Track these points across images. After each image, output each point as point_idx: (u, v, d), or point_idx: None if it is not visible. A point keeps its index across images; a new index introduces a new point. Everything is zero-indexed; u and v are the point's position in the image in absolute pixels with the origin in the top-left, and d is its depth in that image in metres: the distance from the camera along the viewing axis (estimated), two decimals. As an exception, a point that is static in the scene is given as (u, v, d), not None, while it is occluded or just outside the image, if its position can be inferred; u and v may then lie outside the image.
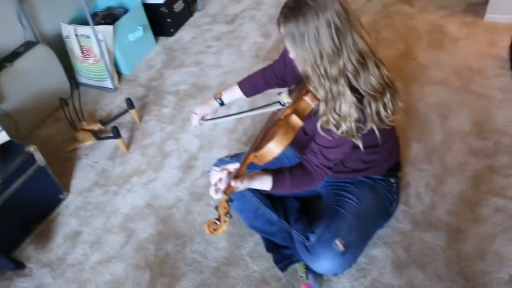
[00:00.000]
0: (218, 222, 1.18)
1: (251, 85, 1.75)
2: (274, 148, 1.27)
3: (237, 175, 1.24)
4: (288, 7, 1.19)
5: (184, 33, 3.37)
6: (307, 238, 1.52)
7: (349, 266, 1.52)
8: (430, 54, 2.72)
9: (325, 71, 1.21)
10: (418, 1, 3.24)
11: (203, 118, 1.72)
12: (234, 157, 1.71)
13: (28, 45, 2.67)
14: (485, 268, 1.65)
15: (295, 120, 1.30)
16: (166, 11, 3.22)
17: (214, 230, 1.18)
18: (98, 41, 2.70)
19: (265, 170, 1.36)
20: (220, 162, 1.70)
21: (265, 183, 1.32)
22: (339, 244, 1.45)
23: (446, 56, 2.69)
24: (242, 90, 1.75)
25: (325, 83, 1.23)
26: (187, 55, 3.12)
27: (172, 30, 3.33)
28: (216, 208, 1.21)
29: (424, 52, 2.74)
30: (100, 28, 2.74)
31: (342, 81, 1.22)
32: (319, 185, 1.46)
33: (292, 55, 1.25)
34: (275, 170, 1.36)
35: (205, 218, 2.00)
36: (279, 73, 1.70)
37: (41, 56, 2.67)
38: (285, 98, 1.39)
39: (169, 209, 2.09)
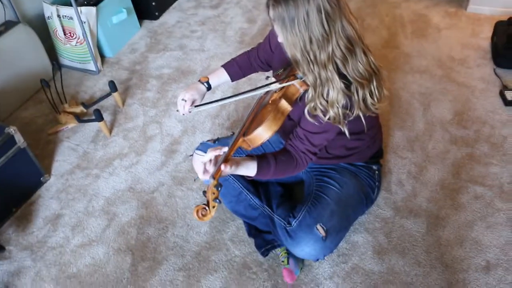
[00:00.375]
0: (207, 208, 1.16)
1: (237, 68, 1.72)
2: (263, 133, 1.26)
3: (225, 160, 1.22)
4: None
5: (169, 17, 3.31)
6: (289, 223, 1.51)
7: (330, 251, 1.51)
8: (414, 43, 2.72)
9: (314, 56, 1.20)
10: None
11: (192, 105, 1.64)
12: (216, 141, 1.69)
13: (8, 25, 2.57)
14: (463, 255, 1.67)
15: (284, 104, 1.28)
16: (151, -7, 3.14)
17: (203, 215, 1.16)
18: (81, 22, 2.62)
19: (250, 155, 1.34)
20: (203, 146, 1.67)
21: (250, 169, 1.31)
22: (320, 229, 1.45)
23: (429, 45, 2.68)
24: (228, 73, 1.72)
25: (314, 68, 1.22)
26: (171, 39, 3.07)
27: (156, 13, 3.27)
28: (204, 193, 1.19)
29: (407, 41, 2.74)
30: (83, 9, 2.66)
31: (330, 67, 1.21)
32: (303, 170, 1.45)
33: (280, 39, 1.23)
34: (259, 156, 1.34)
35: (187, 202, 1.98)
36: (263, 57, 1.68)
37: (22, 36, 2.58)
38: (272, 81, 1.37)
39: (151, 193, 2.06)
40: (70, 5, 2.59)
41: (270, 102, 1.32)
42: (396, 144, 2.11)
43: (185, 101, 1.57)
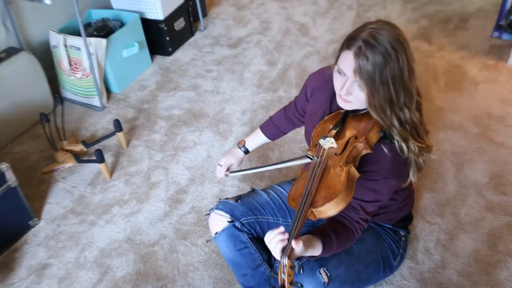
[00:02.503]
0: None
1: (274, 127, 1.83)
2: (336, 206, 1.27)
3: (296, 236, 1.24)
4: (367, 42, 1.22)
5: (183, 54, 3.40)
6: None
7: None
8: (447, 96, 2.75)
9: (401, 109, 1.30)
10: (437, 39, 3.30)
11: (228, 170, 1.80)
12: (239, 200, 1.70)
13: (10, 51, 2.65)
14: None
15: (354, 172, 1.31)
16: (166, 28, 3.25)
17: None
18: (89, 54, 2.71)
19: (310, 232, 1.38)
20: (224, 205, 1.68)
21: (316, 249, 1.35)
22: (323, 274, 1.48)
23: (464, 100, 2.71)
24: (265, 133, 1.84)
25: (397, 117, 1.32)
26: (184, 77, 3.14)
27: (170, 49, 3.36)
28: (275, 274, 1.23)
29: (441, 94, 2.77)
30: (92, 40, 2.75)
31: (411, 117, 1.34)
32: None
33: (356, 92, 1.29)
34: (321, 233, 1.38)
35: (190, 259, 1.97)
36: (302, 109, 1.74)
37: (24, 64, 2.66)
38: (333, 143, 1.38)
39: (151, 246, 2.06)
40: (79, 34, 2.68)
41: (334, 165, 1.34)
42: (424, 208, 2.10)
43: (220, 166, 1.77)
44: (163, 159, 2.51)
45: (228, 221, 1.62)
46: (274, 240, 1.24)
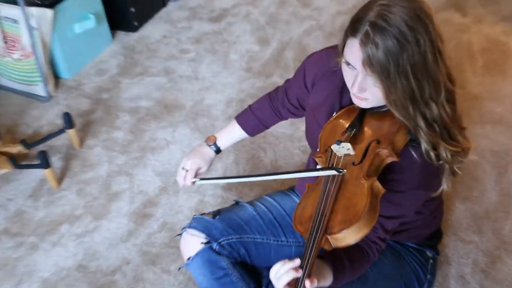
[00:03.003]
0: None
1: (255, 120, 1.79)
2: (357, 232, 1.25)
3: (309, 272, 1.22)
4: (375, 25, 1.19)
5: (152, 29, 3.40)
6: None
7: None
8: (486, 81, 2.75)
9: (428, 107, 1.27)
10: (473, 8, 3.30)
11: (196, 176, 1.71)
12: (217, 216, 1.68)
13: None
14: None
15: (379, 188, 1.29)
16: (129, -3, 3.23)
17: None
18: (30, 28, 2.67)
19: (319, 257, 1.35)
20: (198, 223, 1.66)
21: (327, 279, 1.34)
22: None
23: (508, 85, 2.71)
24: (243, 126, 1.78)
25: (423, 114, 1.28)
26: (154, 60, 3.14)
27: (135, 23, 3.36)
28: None
29: (477, 78, 2.77)
30: (34, 11, 2.70)
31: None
32: None
33: (372, 87, 1.27)
34: (332, 258, 1.37)
35: (161, 290, 1.96)
36: (296, 98, 1.71)
37: None
38: (349, 150, 1.35)
39: (110, 274, 2.04)
40: (16, 3, 2.62)
41: (352, 179, 1.32)
42: (457, 222, 2.10)
43: (186, 171, 1.67)
44: (127, 162, 2.51)
45: (203, 243, 1.60)
46: (286, 277, 1.22)
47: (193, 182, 1.68)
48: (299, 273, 1.21)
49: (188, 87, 2.91)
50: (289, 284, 1.22)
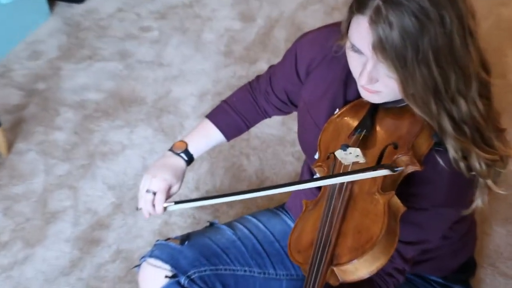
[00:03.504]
0: None
1: (235, 114, 1.75)
2: (371, 263, 1.23)
3: None
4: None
5: (103, 1, 3.40)
6: None
7: None
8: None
9: (456, 103, 1.25)
10: None
11: (168, 199, 1.62)
12: (186, 242, 1.65)
13: None
14: None
15: (398, 205, 1.27)
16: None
17: None
18: None
19: None
20: (162, 251, 1.63)
21: None
22: None
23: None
24: (219, 126, 1.73)
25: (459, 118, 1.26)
26: (106, 40, 3.13)
27: (82, -7, 3.33)
28: None
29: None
30: None
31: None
32: None
33: (385, 77, 1.26)
34: None
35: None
36: (283, 91, 1.70)
37: None
38: (358, 156, 1.33)
39: (47, 318, 2.02)
40: None
41: (363, 194, 1.32)
42: (495, 251, 2.10)
43: (154, 193, 1.57)
44: (70, 173, 2.48)
45: (168, 276, 1.57)
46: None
47: (165, 208, 1.58)
48: None
49: (150, 75, 2.90)
50: None
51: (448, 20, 1.16)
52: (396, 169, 1.28)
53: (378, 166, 1.29)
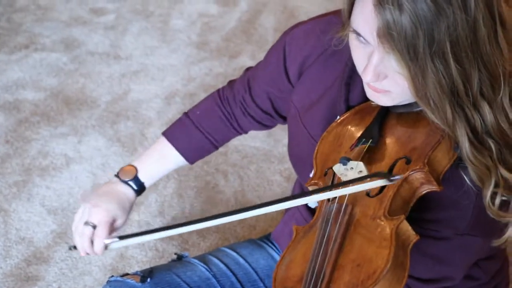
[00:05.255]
0: None
1: (198, 133, 1.64)
2: None
3: None
4: None
5: None
6: None
7: None
8: None
9: (478, 110, 1.13)
10: None
11: (112, 232, 1.52)
12: (147, 280, 1.51)
13: None
14: None
15: (408, 232, 1.18)
16: None
17: None
18: None
19: None
20: None
21: None
22: None
23: None
24: (177, 146, 1.63)
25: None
26: (47, 24, 3.02)
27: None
28: None
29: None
30: None
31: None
32: None
33: (394, 72, 1.14)
34: None
35: None
36: (267, 97, 1.57)
37: None
38: (362, 172, 1.23)
39: None
40: None
41: (365, 218, 1.21)
42: None
43: (94, 227, 1.46)
44: (0, 192, 2.35)
45: None
46: None
47: (106, 246, 1.48)
48: None
49: (104, 70, 2.80)
50: None
51: (472, 4, 1.06)
52: (393, 178, 1.18)
53: (368, 175, 1.21)
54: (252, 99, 1.61)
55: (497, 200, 1.20)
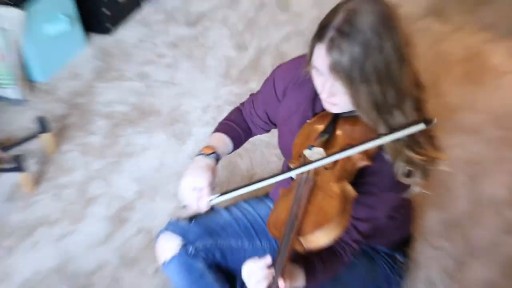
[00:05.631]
0: None
1: (240, 131, 1.78)
2: (328, 234, 1.29)
3: (282, 273, 1.26)
4: (340, 31, 1.24)
5: (127, 33, 3.44)
6: None
7: None
8: (463, 91, 2.83)
9: (392, 115, 1.33)
10: (454, 16, 3.35)
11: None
12: (193, 220, 1.73)
13: None
14: None
15: (350, 191, 1.34)
16: (104, -2, 3.28)
17: None
18: (1, 29, 2.68)
19: (294, 260, 1.39)
20: (174, 227, 1.71)
21: (299, 280, 1.39)
22: None
23: (485, 95, 2.80)
24: (229, 136, 1.75)
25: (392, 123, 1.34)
26: (130, 64, 3.19)
27: (110, 26, 3.41)
28: None
29: (454, 88, 2.86)
30: (2, 10, 2.66)
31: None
32: None
33: (340, 92, 1.33)
34: (304, 260, 1.42)
35: (138, 292, 2.03)
36: (264, 112, 1.75)
37: None
38: (320, 155, 1.41)
39: (89, 275, 2.11)
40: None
41: (324, 183, 1.36)
42: (428, 229, 2.19)
43: (199, 189, 1.53)
44: (103, 167, 2.58)
45: (179, 246, 1.65)
46: (257, 275, 1.28)
47: (210, 201, 1.53)
48: (271, 271, 1.26)
49: (165, 92, 2.99)
50: (261, 284, 1.26)
51: (386, 49, 1.21)
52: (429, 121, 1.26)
53: (327, 156, 1.34)
54: (255, 112, 1.76)
55: (404, 170, 1.35)
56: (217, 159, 1.63)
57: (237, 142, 1.76)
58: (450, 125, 2.66)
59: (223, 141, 1.72)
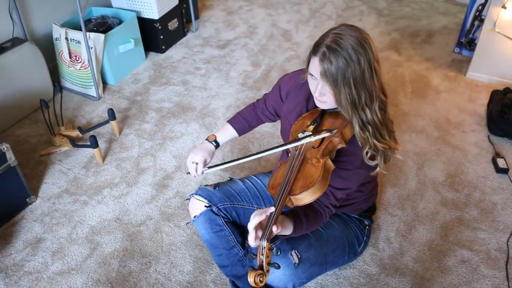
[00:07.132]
0: (263, 274, 1.12)
1: (244, 122, 1.74)
2: (312, 195, 1.26)
3: (275, 221, 1.20)
4: (330, 48, 1.22)
5: (175, 52, 3.39)
6: None
7: (299, 282, 1.50)
8: (413, 102, 2.79)
9: (364, 112, 1.29)
10: (406, 50, 3.36)
11: (204, 166, 1.61)
12: (217, 187, 1.67)
13: (15, 41, 2.62)
14: (446, 320, 1.64)
15: (330, 164, 1.31)
16: (160, 27, 3.24)
17: (261, 281, 1.11)
18: (88, 47, 2.68)
19: (283, 213, 1.35)
20: (202, 191, 1.65)
21: (288, 229, 1.33)
22: (294, 256, 1.47)
23: (428, 106, 2.76)
24: (234, 128, 1.73)
25: (365, 118, 1.30)
26: (175, 73, 3.13)
27: (163, 47, 3.35)
28: (253, 255, 1.17)
29: (407, 100, 2.81)
30: (91, 35, 2.73)
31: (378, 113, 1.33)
32: None
33: (327, 92, 1.29)
34: (293, 215, 1.36)
35: (173, 239, 1.98)
36: (272, 108, 1.70)
37: (28, 54, 2.62)
38: (312, 137, 1.37)
39: (138, 225, 2.05)
40: (80, 29, 2.67)
41: (311, 158, 1.32)
42: (387, 201, 2.13)
43: (196, 163, 1.57)
44: (152, 147, 2.50)
45: (205, 206, 1.60)
46: (258, 217, 1.21)
47: (203, 172, 1.58)
48: (263, 216, 1.20)
49: (199, 94, 2.90)
50: (260, 227, 1.20)
51: (362, 62, 1.20)
52: (320, 136, 1.33)
53: (312, 134, 1.35)
54: (266, 107, 1.71)
55: (369, 154, 1.32)
56: (217, 144, 1.66)
57: (242, 130, 1.74)
58: (404, 127, 2.60)
59: (226, 132, 1.71)
